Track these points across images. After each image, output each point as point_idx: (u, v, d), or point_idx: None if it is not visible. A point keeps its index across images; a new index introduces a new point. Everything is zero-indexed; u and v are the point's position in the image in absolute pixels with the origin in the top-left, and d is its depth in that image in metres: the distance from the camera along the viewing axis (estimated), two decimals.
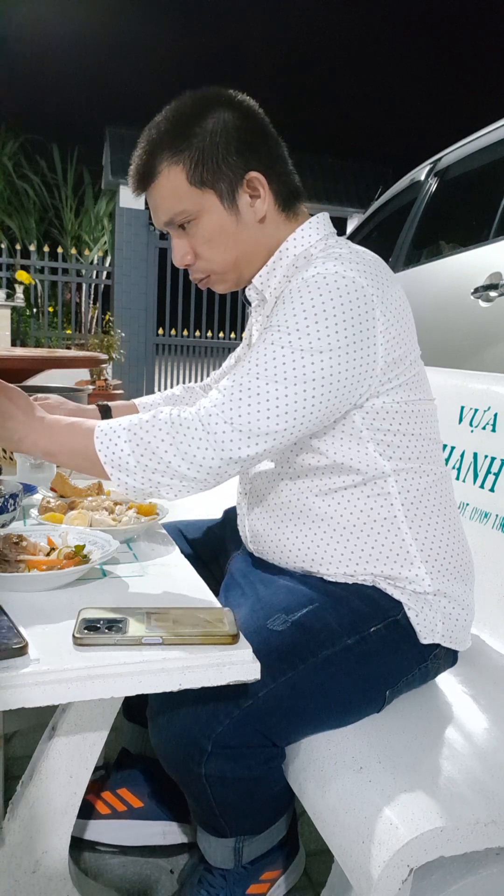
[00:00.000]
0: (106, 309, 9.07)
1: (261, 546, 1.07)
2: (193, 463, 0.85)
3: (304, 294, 0.88)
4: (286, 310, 0.89)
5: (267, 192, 0.99)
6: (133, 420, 0.88)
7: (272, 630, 0.90)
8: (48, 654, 0.66)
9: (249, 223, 0.99)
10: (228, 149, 0.96)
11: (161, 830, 1.16)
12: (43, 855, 0.92)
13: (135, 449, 0.86)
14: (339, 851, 0.79)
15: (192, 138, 0.95)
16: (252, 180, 0.97)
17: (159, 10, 73.43)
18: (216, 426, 0.84)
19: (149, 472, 0.86)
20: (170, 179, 0.97)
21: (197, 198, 0.97)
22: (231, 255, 1.01)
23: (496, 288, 2.46)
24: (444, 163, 3.22)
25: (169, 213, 0.99)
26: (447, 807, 0.76)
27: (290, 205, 1.03)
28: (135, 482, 0.88)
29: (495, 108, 4.35)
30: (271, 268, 1.03)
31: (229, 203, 0.97)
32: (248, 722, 0.85)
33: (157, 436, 0.85)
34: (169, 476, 0.86)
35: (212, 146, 0.95)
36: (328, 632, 0.91)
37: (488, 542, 1.24)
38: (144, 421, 0.87)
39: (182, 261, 1.03)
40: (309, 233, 1.02)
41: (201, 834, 0.98)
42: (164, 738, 0.89)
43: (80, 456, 0.91)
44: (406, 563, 0.97)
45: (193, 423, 0.85)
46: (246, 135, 0.97)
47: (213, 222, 0.98)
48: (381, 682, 0.93)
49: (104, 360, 5.97)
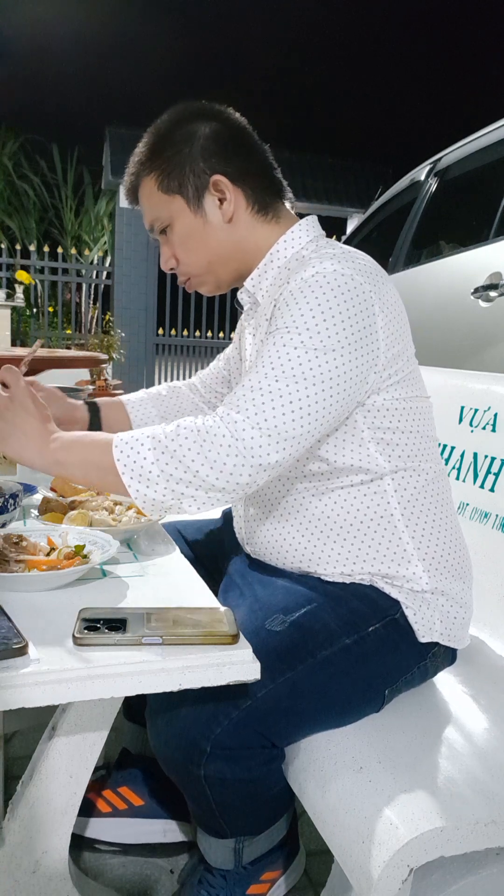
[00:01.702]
0: (106, 309, 9.07)
1: (257, 547, 1.07)
2: (223, 472, 0.82)
3: (307, 294, 0.89)
4: (292, 311, 0.89)
5: (234, 194, 1.01)
6: (155, 429, 0.86)
7: (270, 631, 0.90)
8: (48, 654, 0.66)
9: (217, 225, 1.02)
10: (193, 155, 1.00)
11: (161, 829, 1.16)
12: (43, 855, 0.92)
13: (159, 458, 0.83)
14: (339, 851, 0.79)
15: (165, 151, 1.01)
16: (217, 183, 1.00)
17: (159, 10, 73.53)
18: (244, 432, 0.83)
19: (173, 482, 0.83)
20: (146, 190, 1.04)
21: (167, 204, 1.02)
22: (203, 256, 1.04)
23: (496, 288, 2.46)
24: (444, 163, 3.22)
25: (148, 220, 1.06)
26: (447, 807, 0.76)
27: (269, 207, 1.04)
28: (156, 494, 0.85)
29: (495, 108, 4.36)
30: (262, 270, 1.04)
31: (195, 206, 1.01)
32: (248, 723, 0.85)
33: (183, 444, 0.83)
34: (195, 487, 0.83)
35: (178, 154, 1.00)
36: (326, 632, 0.91)
37: (488, 542, 1.24)
38: (168, 430, 0.85)
39: (166, 265, 1.08)
40: (299, 235, 1.03)
41: (201, 834, 0.98)
42: (163, 739, 0.89)
43: (96, 468, 0.88)
44: (403, 562, 0.97)
45: (220, 430, 0.83)
46: (213, 142, 1.01)
47: (183, 226, 1.02)
48: (381, 682, 0.93)
49: (104, 360, 5.97)
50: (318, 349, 0.86)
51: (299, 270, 0.92)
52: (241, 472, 0.83)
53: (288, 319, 0.88)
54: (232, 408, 0.85)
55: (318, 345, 0.86)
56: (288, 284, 0.93)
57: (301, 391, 0.85)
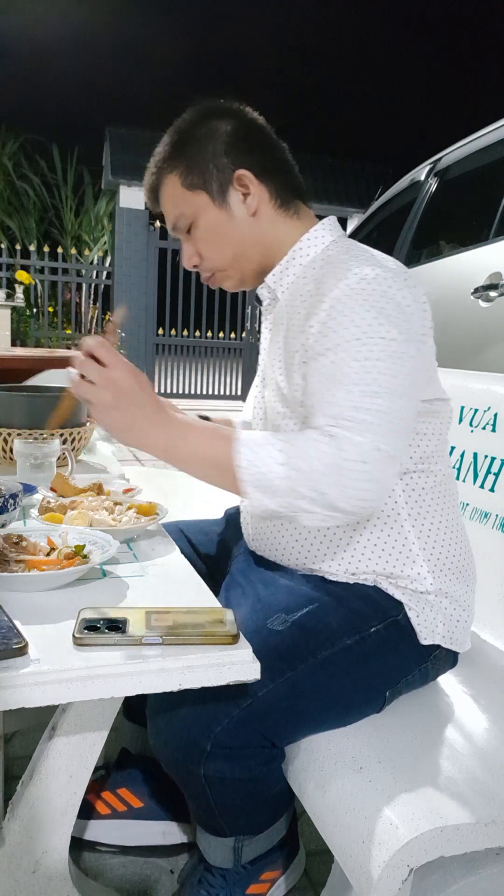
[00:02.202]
0: (106, 309, 9.07)
1: (263, 544, 1.08)
2: (352, 496, 0.82)
3: (359, 301, 0.88)
4: (352, 319, 0.88)
5: (258, 188, 1.02)
6: (282, 441, 0.85)
7: (272, 630, 0.90)
8: (48, 654, 0.66)
9: (241, 219, 1.03)
10: (217, 152, 1.01)
11: (161, 830, 1.16)
12: (43, 855, 0.92)
13: (289, 474, 0.82)
14: (339, 851, 0.79)
15: (187, 148, 1.02)
16: (241, 177, 1.01)
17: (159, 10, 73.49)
18: (368, 455, 0.81)
19: (297, 497, 0.82)
20: (168, 188, 1.04)
21: (191, 200, 1.02)
22: (228, 250, 1.05)
23: (496, 288, 2.46)
24: (444, 163, 3.22)
25: (171, 218, 1.06)
26: (447, 807, 0.76)
27: (290, 203, 1.05)
28: (275, 505, 0.84)
29: (495, 108, 4.35)
30: (284, 267, 1.05)
31: (220, 201, 1.02)
32: (248, 722, 0.85)
33: (315, 466, 0.81)
34: (318, 505, 0.82)
35: (202, 151, 1.01)
36: (328, 632, 0.91)
37: (488, 542, 1.24)
38: (299, 447, 0.83)
39: (189, 262, 1.08)
40: (322, 234, 1.04)
41: (201, 833, 0.98)
42: (163, 738, 0.89)
43: (208, 464, 0.86)
44: (408, 562, 0.98)
45: (351, 454, 0.81)
46: (235, 138, 1.02)
47: (208, 221, 1.03)
48: (381, 683, 0.94)
49: None
50: (395, 357, 0.86)
51: (331, 272, 0.93)
52: (369, 496, 0.83)
53: (352, 330, 0.87)
54: (343, 429, 0.83)
55: (392, 353, 0.86)
56: (321, 286, 0.93)
57: (402, 406, 0.86)
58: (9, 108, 44.34)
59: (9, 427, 1.49)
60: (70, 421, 1.57)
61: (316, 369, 0.90)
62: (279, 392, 1.00)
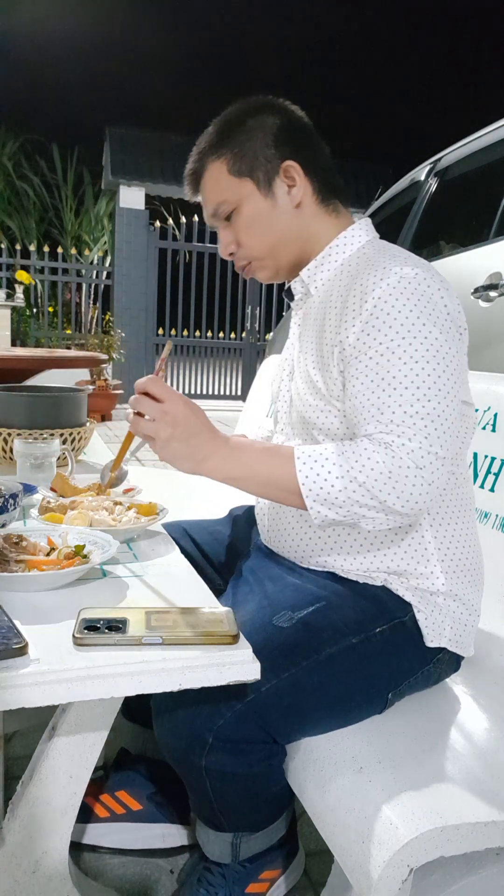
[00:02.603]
0: (106, 309, 9.07)
1: (278, 538, 1.08)
2: (409, 500, 0.85)
3: (402, 300, 0.90)
4: (395, 318, 0.89)
5: (303, 181, 1.04)
6: (335, 453, 0.88)
7: (277, 626, 0.90)
8: (48, 654, 0.66)
9: (286, 209, 1.05)
10: (266, 142, 1.03)
11: (160, 833, 1.16)
12: (43, 855, 0.92)
13: (347, 485, 0.86)
14: (339, 851, 0.79)
15: (236, 136, 1.03)
16: (288, 168, 1.03)
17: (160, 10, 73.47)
18: (422, 459, 0.85)
19: (357, 506, 0.86)
20: (213, 173, 1.05)
21: (237, 187, 1.04)
22: (268, 240, 1.06)
23: (496, 288, 2.46)
24: (444, 163, 3.22)
25: (213, 203, 1.06)
26: (447, 807, 0.76)
27: (330, 200, 1.07)
28: (336, 515, 0.88)
29: (495, 108, 4.36)
30: (320, 262, 1.06)
31: (266, 190, 1.03)
32: (250, 716, 0.86)
33: (370, 475, 0.85)
34: (377, 511, 0.86)
35: (250, 140, 1.03)
36: (333, 630, 0.92)
37: (488, 542, 1.24)
38: (355, 458, 0.86)
39: (226, 250, 1.09)
40: (358, 234, 1.06)
41: (200, 826, 0.99)
42: (167, 729, 0.89)
43: (269, 483, 0.91)
44: (423, 560, 0.98)
45: (405, 462, 0.84)
46: (284, 132, 1.04)
47: (252, 209, 1.04)
48: (383, 684, 0.94)
49: (104, 360, 5.96)
50: (440, 357, 0.88)
51: (370, 270, 0.94)
52: (426, 498, 0.86)
53: (397, 327, 0.89)
54: (395, 436, 0.86)
55: (436, 353, 0.88)
56: (360, 283, 0.94)
57: (449, 406, 0.88)
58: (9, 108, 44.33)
59: (9, 427, 1.49)
60: (70, 421, 1.57)
61: (360, 370, 0.91)
62: (312, 386, 1.01)
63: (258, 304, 8.82)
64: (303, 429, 1.05)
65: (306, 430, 1.04)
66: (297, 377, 1.06)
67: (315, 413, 1.01)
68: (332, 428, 0.99)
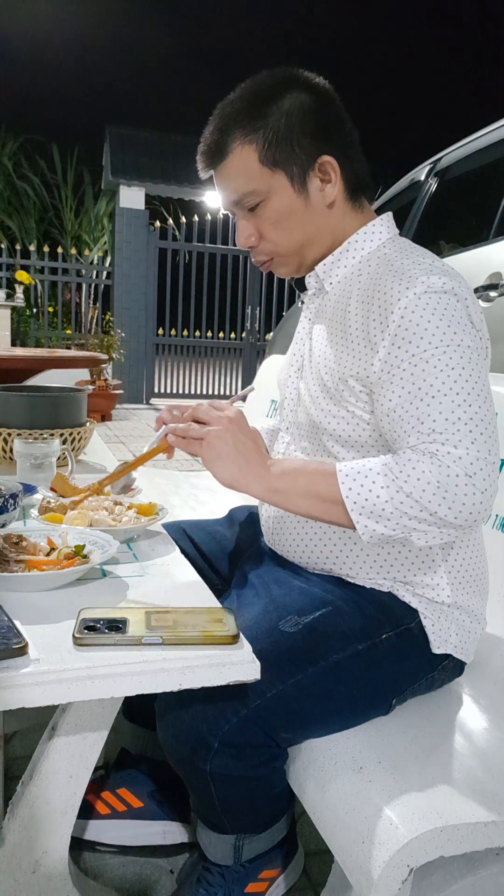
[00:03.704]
0: (106, 309, 9.06)
1: (283, 543, 1.07)
2: (462, 511, 0.81)
3: (430, 310, 0.87)
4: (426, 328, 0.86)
5: (338, 178, 0.98)
6: (384, 464, 0.84)
7: (283, 631, 0.90)
8: (48, 654, 0.66)
9: (318, 208, 0.99)
10: (304, 131, 0.95)
11: (161, 830, 1.16)
12: (43, 855, 0.92)
13: (394, 496, 0.82)
14: (339, 851, 0.79)
15: (268, 118, 0.94)
16: (324, 164, 0.96)
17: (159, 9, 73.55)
18: (471, 466, 0.81)
19: (406, 518, 0.82)
20: (241, 158, 0.96)
21: (267, 178, 0.96)
22: (298, 238, 1.00)
23: (496, 288, 2.46)
24: (444, 163, 3.22)
25: (238, 192, 0.98)
26: (447, 807, 0.76)
27: (357, 195, 1.02)
28: (385, 529, 0.84)
29: (495, 108, 4.36)
30: (336, 258, 1.02)
31: (300, 186, 0.97)
32: (255, 721, 0.85)
33: (417, 485, 0.81)
34: (429, 524, 0.82)
35: (287, 127, 0.94)
36: (339, 636, 0.91)
37: (488, 543, 1.24)
38: (401, 470, 0.82)
39: (246, 242, 1.02)
40: (379, 230, 1.02)
41: (201, 829, 0.98)
42: (171, 732, 0.89)
43: (316, 501, 0.88)
44: (429, 571, 0.97)
45: (454, 471, 0.80)
46: (321, 118, 0.96)
47: (282, 204, 0.97)
48: (388, 690, 0.93)
49: (104, 360, 5.96)
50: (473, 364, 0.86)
51: (395, 278, 0.90)
52: (480, 508, 0.81)
53: (429, 338, 0.86)
54: (441, 444, 0.82)
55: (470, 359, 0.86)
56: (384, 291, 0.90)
57: (489, 409, 0.85)
58: (9, 108, 44.34)
59: (9, 427, 1.49)
60: (70, 421, 1.57)
61: (394, 383, 0.88)
62: (324, 389, 0.98)
63: (258, 304, 8.82)
64: (310, 431, 1.03)
65: (315, 433, 1.02)
66: (307, 376, 1.04)
67: (327, 418, 0.98)
68: (344, 435, 0.97)
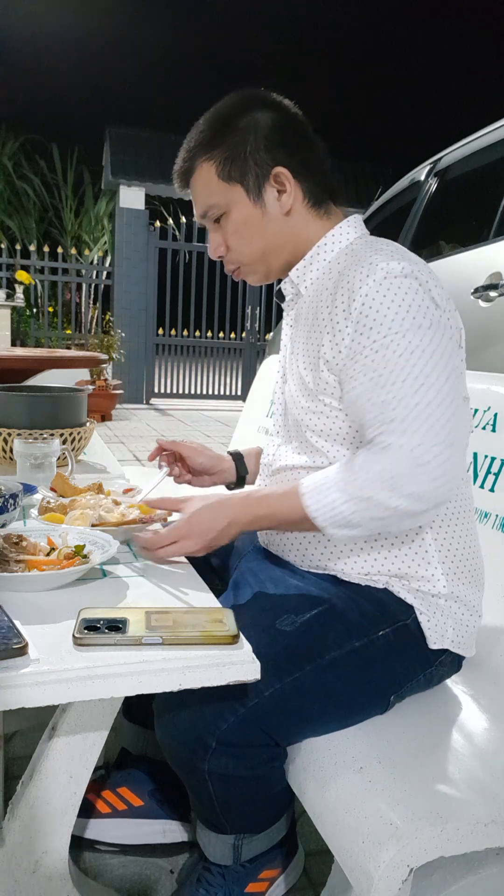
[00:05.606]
0: (106, 309, 9.07)
1: (276, 543, 1.08)
2: (422, 498, 0.84)
3: (389, 296, 0.89)
4: (385, 314, 0.89)
5: (293, 187, 1.02)
6: (334, 478, 0.89)
7: (280, 630, 0.90)
8: (48, 654, 0.66)
9: (275, 216, 1.03)
10: (257, 145, 1.00)
11: (161, 829, 1.16)
12: (43, 855, 0.92)
13: (357, 507, 0.86)
14: (339, 851, 0.79)
15: (227, 136, 1.01)
16: (278, 175, 1.01)
17: (159, 9, 73.63)
18: (424, 455, 0.83)
19: (375, 520, 0.87)
20: (203, 175, 1.03)
21: (225, 192, 1.02)
22: (258, 246, 1.05)
23: (496, 288, 2.46)
24: (444, 163, 3.22)
25: (203, 206, 1.05)
26: (447, 807, 0.76)
27: (322, 203, 1.06)
28: (358, 532, 0.89)
29: (495, 108, 4.36)
30: (308, 262, 1.05)
31: (255, 197, 1.02)
32: (253, 720, 0.85)
33: (371, 488, 0.85)
34: (398, 517, 0.86)
35: (241, 143, 1.00)
36: (336, 634, 0.91)
37: (488, 542, 1.24)
38: (351, 478, 0.87)
39: (215, 252, 1.08)
40: (347, 230, 1.05)
41: (201, 829, 0.98)
42: (169, 732, 0.89)
43: (288, 523, 0.94)
44: (423, 563, 0.98)
45: (403, 462, 0.84)
46: (276, 133, 1.01)
47: (240, 215, 1.03)
48: (386, 687, 0.93)
49: (104, 360, 5.96)
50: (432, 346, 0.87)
51: (356, 267, 0.93)
52: (441, 490, 0.85)
53: (388, 324, 0.88)
54: (396, 434, 0.85)
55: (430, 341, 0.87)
56: (347, 282, 0.93)
57: (450, 390, 0.86)
58: (9, 108, 44.39)
59: (9, 427, 1.49)
60: (70, 421, 1.57)
61: (357, 370, 0.91)
62: (303, 387, 1.01)
63: (258, 304, 8.82)
64: (297, 432, 1.05)
65: (299, 432, 1.04)
66: (289, 380, 1.06)
67: (307, 415, 1.00)
68: (325, 429, 0.98)
